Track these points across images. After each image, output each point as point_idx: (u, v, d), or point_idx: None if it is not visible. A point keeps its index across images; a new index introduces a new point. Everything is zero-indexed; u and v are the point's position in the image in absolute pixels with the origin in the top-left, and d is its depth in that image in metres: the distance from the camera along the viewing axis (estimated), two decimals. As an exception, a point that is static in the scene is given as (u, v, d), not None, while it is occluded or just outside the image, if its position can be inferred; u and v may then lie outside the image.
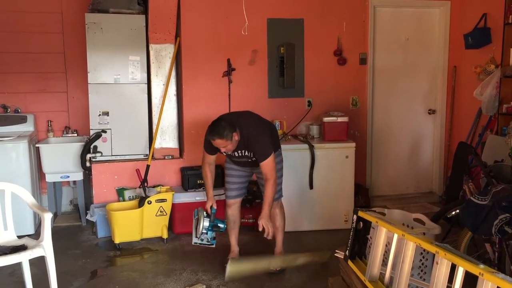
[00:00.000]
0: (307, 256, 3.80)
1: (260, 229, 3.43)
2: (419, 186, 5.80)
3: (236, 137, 3.49)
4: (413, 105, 5.67)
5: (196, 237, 3.67)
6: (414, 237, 2.32)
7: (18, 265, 3.35)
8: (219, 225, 3.72)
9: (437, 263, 2.09)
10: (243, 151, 3.61)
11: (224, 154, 3.69)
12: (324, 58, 5.26)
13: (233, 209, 3.91)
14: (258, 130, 3.66)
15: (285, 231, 3.97)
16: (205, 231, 3.65)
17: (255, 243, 4.38)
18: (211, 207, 3.71)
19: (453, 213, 3.64)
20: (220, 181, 4.82)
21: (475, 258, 1.99)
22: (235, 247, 3.96)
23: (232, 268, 3.38)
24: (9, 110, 5.01)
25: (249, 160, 3.67)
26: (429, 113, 5.70)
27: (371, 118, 5.51)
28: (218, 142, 3.47)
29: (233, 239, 3.96)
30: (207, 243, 3.73)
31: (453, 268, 2.03)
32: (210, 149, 3.68)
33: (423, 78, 5.65)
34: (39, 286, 3.42)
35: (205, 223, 3.64)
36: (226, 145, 3.48)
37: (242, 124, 3.58)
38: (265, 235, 3.41)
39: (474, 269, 1.85)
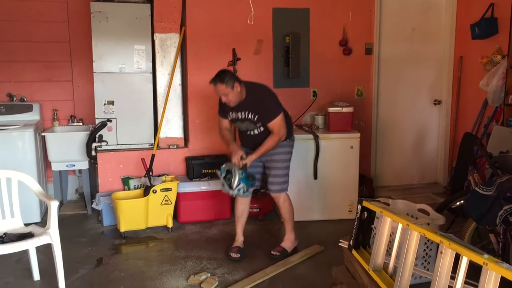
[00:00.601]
0: (299, 255, 3.85)
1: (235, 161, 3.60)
2: (423, 177, 5.80)
3: (238, 88, 3.53)
4: (419, 95, 5.65)
5: (232, 189, 3.62)
6: (419, 227, 2.33)
7: (25, 253, 3.40)
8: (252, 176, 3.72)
9: (441, 253, 2.10)
10: (247, 112, 3.63)
11: (229, 118, 3.77)
12: (329, 48, 5.24)
13: (243, 201, 3.93)
14: (266, 93, 3.69)
15: (292, 225, 3.97)
16: (241, 183, 3.61)
17: (260, 233, 4.40)
18: (241, 157, 3.64)
19: (458, 203, 3.64)
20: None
21: (479, 248, 2.00)
22: (240, 236, 3.97)
23: None
24: (15, 99, 5.03)
25: (253, 129, 3.68)
26: (434, 104, 5.68)
27: (376, 109, 5.50)
28: (219, 88, 3.51)
29: (239, 228, 3.96)
30: (243, 193, 3.69)
31: (457, 258, 2.04)
32: (222, 110, 3.74)
33: (429, 69, 5.62)
34: (45, 273, 3.47)
35: (240, 175, 3.60)
36: (227, 92, 3.51)
37: (250, 85, 3.67)
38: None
39: (479, 259, 1.86)
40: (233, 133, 3.91)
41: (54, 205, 3.17)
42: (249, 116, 3.64)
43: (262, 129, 3.69)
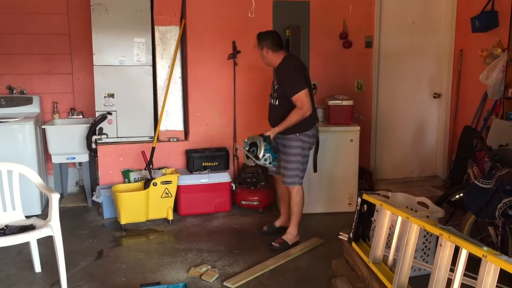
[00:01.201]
0: (299, 247, 3.87)
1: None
2: (423, 170, 5.81)
3: (266, 52, 3.79)
4: (418, 88, 5.65)
5: (259, 159, 3.70)
6: (418, 219, 2.35)
7: (26, 245, 3.41)
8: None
9: (441, 245, 2.11)
10: (276, 81, 3.84)
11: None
12: (329, 41, 5.23)
13: (279, 184, 4.12)
14: (296, 66, 3.78)
15: (297, 220, 3.99)
16: (267, 153, 3.71)
17: (260, 226, 4.42)
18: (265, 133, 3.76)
19: (457, 196, 3.66)
20: (224, 164, 4.87)
21: (478, 241, 2.01)
22: (283, 214, 4.23)
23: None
24: (14, 91, 5.02)
25: (274, 98, 3.86)
26: (434, 97, 5.69)
27: (376, 102, 5.50)
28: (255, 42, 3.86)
29: (281, 208, 4.25)
30: (269, 164, 3.78)
31: (456, 251, 2.06)
32: None
33: (429, 62, 5.62)
34: (46, 265, 3.49)
35: (265, 146, 3.70)
36: (259, 51, 3.86)
37: (288, 56, 3.84)
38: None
39: (478, 251, 1.88)
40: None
41: (55, 198, 3.18)
42: (276, 86, 3.81)
43: (277, 102, 3.82)
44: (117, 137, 4.87)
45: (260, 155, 3.66)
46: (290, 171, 3.84)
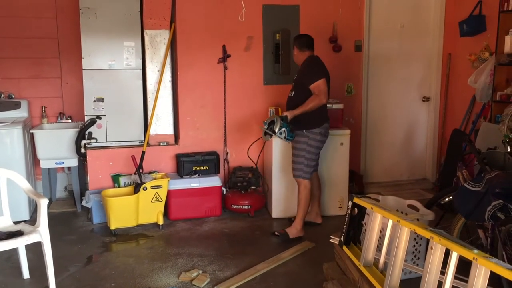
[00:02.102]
0: (290, 251, 3.86)
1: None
2: (412, 173, 5.85)
3: (295, 52, 4.24)
4: (408, 92, 5.69)
5: (275, 133, 3.97)
6: (409, 222, 2.35)
7: (14, 251, 3.38)
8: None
9: (431, 248, 2.12)
10: (297, 75, 4.20)
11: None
12: (319, 45, 5.19)
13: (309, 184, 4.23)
14: (314, 60, 4.14)
15: (302, 214, 4.16)
16: (282, 128, 3.96)
17: (251, 230, 4.41)
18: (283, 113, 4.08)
19: (447, 199, 3.68)
20: (214, 168, 4.85)
21: (467, 244, 2.02)
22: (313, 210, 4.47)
23: None
24: (2, 95, 4.97)
25: (292, 90, 4.20)
26: (423, 101, 5.73)
27: (366, 105, 5.53)
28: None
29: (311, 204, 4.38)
30: (285, 139, 4.03)
31: (446, 254, 2.07)
32: None
33: (418, 66, 5.67)
34: (35, 271, 3.45)
35: (281, 122, 3.96)
36: (293, 47, 4.28)
37: (313, 55, 4.20)
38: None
39: (468, 254, 1.89)
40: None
41: (43, 203, 3.14)
42: (295, 76, 4.21)
43: (293, 93, 4.16)
44: (107, 142, 4.83)
45: (276, 129, 3.92)
46: (296, 164, 4.13)
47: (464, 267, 2.17)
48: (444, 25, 5.51)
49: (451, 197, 3.62)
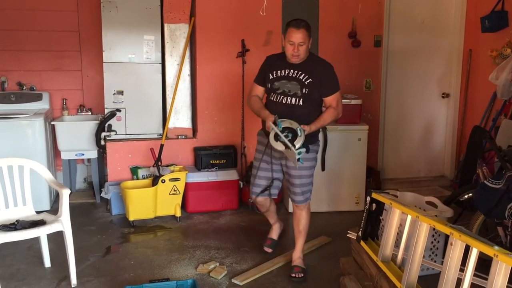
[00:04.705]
0: (307, 246, 3.84)
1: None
2: (430, 170, 5.80)
3: (308, 44, 3.24)
4: (427, 88, 5.64)
5: (295, 147, 2.99)
6: (429, 219, 2.35)
7: (36, 240, 3.44)
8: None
9: (451, 244, 2.11)
10: (300, 72, 3.25)
11: (271, 78, 3.33)
12: (338, 40, 5.23)
13: (259, 204, 3.64)
14: (332, 68, 3.38)
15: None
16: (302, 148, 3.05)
17: (268, 224, 4.43)
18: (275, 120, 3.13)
19: (466, 196, 3.65)
20: (232, 161, 4.88)
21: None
22: (275, 225, 3.88)
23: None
24: (24, 87, 5.05)
25: (293, 94, 3.24)
26: (442, 97, 5.67)
27: (384, 101, 5.50)
28: (300, 34, 3.16)
29: (270, 219, 3.87)
30: (298, 160, 3.04)
31: (466, 251, 2.06)
32: (263, 75, 3.40)
33: (438, 62, 5.61)
34: (56, 260, 3.52)
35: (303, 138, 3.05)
36: (304, 41, 3.17)
37: (313, 54, 3.42)
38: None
39: (489, 251, 1.88)
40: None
41: (66, 193, 3.20)
42: (301, 77, 3.24)
43: (301, 102, 3.25)
44: (126, 134, 4.89)
45: (298, 145, 3.00)
46: (305, 186, 3.40)
47: (483, 265, 2.16)
48: (465, 21, 5.44)
49: (470, 194, 3.60)
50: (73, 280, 3.21)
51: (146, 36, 4.82)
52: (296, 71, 3.27)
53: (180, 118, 4.97)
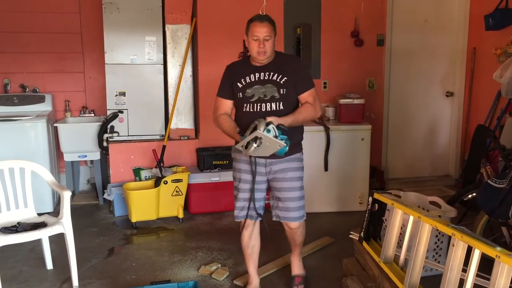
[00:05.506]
0: (309, 246, 3.83)
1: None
2: (435, 169, 5.76)
3: (274, 41, 2.86)
4: (431, 87, 5.60)
5: (277, 138, 2.57)
6: (430, 219, 2.32)
7: (38, 242, 3.44)
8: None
9: (453, 245, 2.09)
10: (272, 73, 2.86)
11: (240, 86, 2.89)
12: (340, 39, 5.20)
13: (246, 234, 3.14)
14: (301, 61, 3.07)
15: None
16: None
17: (270, 224, 4.41)
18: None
19: (470, 196, 3.62)
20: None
21: (491, 241, 1.98)
22: (254, 278, 3.19)
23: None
24: (27, 89, 5.06)
25: (270, 98, 2.82)
26: (446, 96, 5.63)
27: (388, 100, 5.46)
28: (263, 29, 2.81)
29: (252, 268, 3.18)
30: (275, 136, 2.55)
31: (468, 251, 2.03)
32: (228, 86, 2.96)
33: (441, 60, 5.56)
34: (58, 262, 3.52)
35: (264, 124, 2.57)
36: (270, 36, 2.81)
37: (278, 52, 3.00)
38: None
39: (491, 252, 1.85)
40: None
41: (66, 195, 3.20)
42: (274, 77, 2.85)
43: (281, 105, 2.83)
44: (128, 135, 4.89)
45: (261, 128, 2.52)
46: (298, 201, 2.97)
47: (486, 265, 2.13)
48: (469, 19, 5.39)
49: (474, 194, 3.57)
50: (75, 282, 3.20)
51: (147, 37, 4.82)
52: (268, 73, 2.87)
53: (182, 119, 4.97)
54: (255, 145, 2.55)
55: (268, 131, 2.54)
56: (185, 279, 3.33)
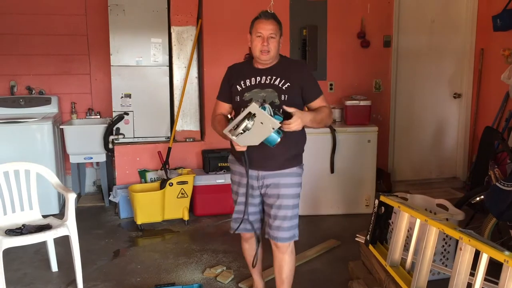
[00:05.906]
0: (315, 249, 3.81)
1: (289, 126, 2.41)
2: (442, 171, 5.71)
3: (278, 42, 2.70)
4: (438, 89, 5.56)
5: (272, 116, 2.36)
6: (437, 222, 2.29)
7: (43, 244, 3.43)
8: None
9: (460, 249, 2.06)
10: (274, 78, 2.66)
11: (239, 89, 2.72)
12: (347, 41, 5.18)
13: (246, 245, 3.06)
14: (308, 68, 2.88)
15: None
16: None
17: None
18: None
19: (477, 199, 3.58)
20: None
21: (499, 245, 1.95)
22: (259, 282, 3.14)
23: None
24: (33, 91, 5.08)
25: (271, 104, 2.52)
26: (454, 97, 5.58)
27: (394, 102, 5.43)
28: (269, 27, 2.65)
29: (256, 274, 3.13)
30: (270, 115, 2.35)
31: (476, 255, 2.00)
32: (226, 92, 2.83)
33: (449, 61, 5.52)
34: (63, 264, 3.51)
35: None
36: (275, 35, 2.65)
37: (284, 56, 2.86)
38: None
39: (499, 256, 1.82)
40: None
41: (71, 197, 3.19)
42: (277, 82, 2.64)
43: (281, 112, 2.52)
44: (134, 137, 4.89)
45: (257, 105, 2.33)
46: (290, 220, 2.71)
47: (495, 269, 2.10)
48: (477, 20, 5.35)
49: (482, 197, 3.52)
50: (80, 284, 3.20)
51: (153, 39, 4.82)
52: (270, 77, 2.67)
53: (188, 121, 4.96)
54: (247, 122, 2.32)
55: (264, 108, 2.33)
56: (190, 282, 3.31)
